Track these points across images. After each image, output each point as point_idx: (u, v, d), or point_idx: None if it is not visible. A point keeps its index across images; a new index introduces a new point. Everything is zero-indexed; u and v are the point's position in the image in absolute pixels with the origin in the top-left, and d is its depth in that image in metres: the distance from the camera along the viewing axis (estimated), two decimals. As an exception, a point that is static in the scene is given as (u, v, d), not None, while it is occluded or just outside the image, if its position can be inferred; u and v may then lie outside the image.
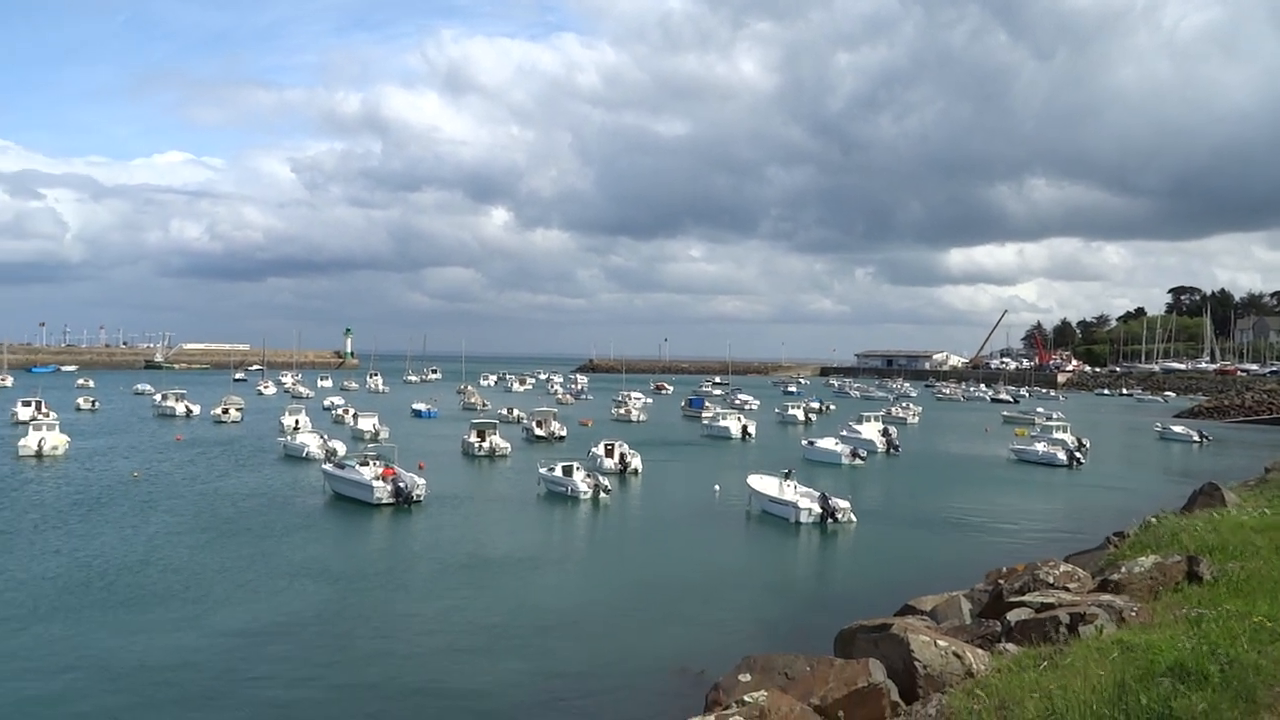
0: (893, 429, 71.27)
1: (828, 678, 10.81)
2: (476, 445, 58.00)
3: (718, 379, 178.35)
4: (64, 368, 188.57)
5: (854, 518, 36.37)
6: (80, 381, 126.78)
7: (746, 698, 9.83)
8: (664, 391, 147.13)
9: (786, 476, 38.86)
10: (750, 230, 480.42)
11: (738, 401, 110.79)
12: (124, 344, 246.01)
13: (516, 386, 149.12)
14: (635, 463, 50.64)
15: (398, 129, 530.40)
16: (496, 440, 58.29)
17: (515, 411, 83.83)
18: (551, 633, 22.25)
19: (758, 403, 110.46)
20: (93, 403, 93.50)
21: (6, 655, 19.89)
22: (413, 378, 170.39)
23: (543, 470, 44.16)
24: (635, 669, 19.62)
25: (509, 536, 33.82)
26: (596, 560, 31.65)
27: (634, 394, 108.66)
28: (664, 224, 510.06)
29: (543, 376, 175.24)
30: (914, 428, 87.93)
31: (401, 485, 38.60)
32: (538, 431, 68.64)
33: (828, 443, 59.50)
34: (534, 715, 17.09)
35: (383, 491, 38.36)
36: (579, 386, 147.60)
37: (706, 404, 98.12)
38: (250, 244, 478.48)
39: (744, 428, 74.79)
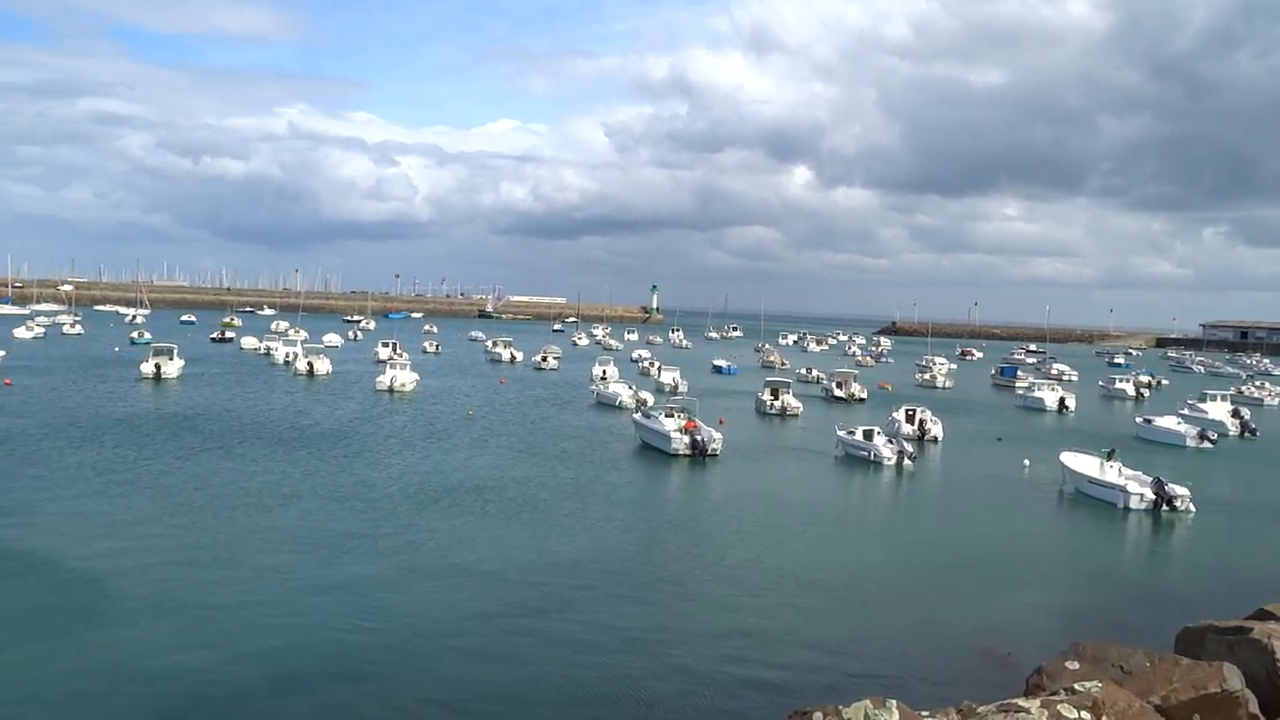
0: (1245, 410, 62.80)
1: (1171, 677, 9.85)
2: (769, 403, 58.46)
3: (1032, 346, 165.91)
4: (413, 315, 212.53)
5: (1193, 507, 32.59)
6: (426, 327, 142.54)
7: (1077, 686, 9.19)
8: (971, 358, 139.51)
9: (1109, 456, 35.53)
10: (1075, 186, 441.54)
11: (1054, 371, 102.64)
12: (461, 295, 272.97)
13: (814, 346, 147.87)
14: (936, 430, 48.66)
15: (703, 90, 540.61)
16: (789, 399, 58.40)
17: (814, 371, 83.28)
18: (852, 595, 22.12)
19: (1076, 374, 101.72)
20: (436, 346, 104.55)
21: (384, 549, 23.09)
22: (713, 334, 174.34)
23: (841, 433, 43.63)
24: (938, 642, 19.05)
25: (806, 496, 33.88)
26: (897, 528, 30.93)
27: (939, 359, 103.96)
28: (976, 180, 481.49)
29: (842, 337, 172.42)
30: (1274, 410, 76.86)
31: (699, 438, 39.80)
32: (837, 393, 67.85)
33: (1169, 421, 53.56)
34: (840, 676, 16.96)
35: (680, 443, 39.78)
36: (880, 349, 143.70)
37: (1020, 373, 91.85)
38: (567, 204, 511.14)
39: (1061, 400, 69.32)
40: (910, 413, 49.85)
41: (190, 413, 47.33)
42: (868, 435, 41.78)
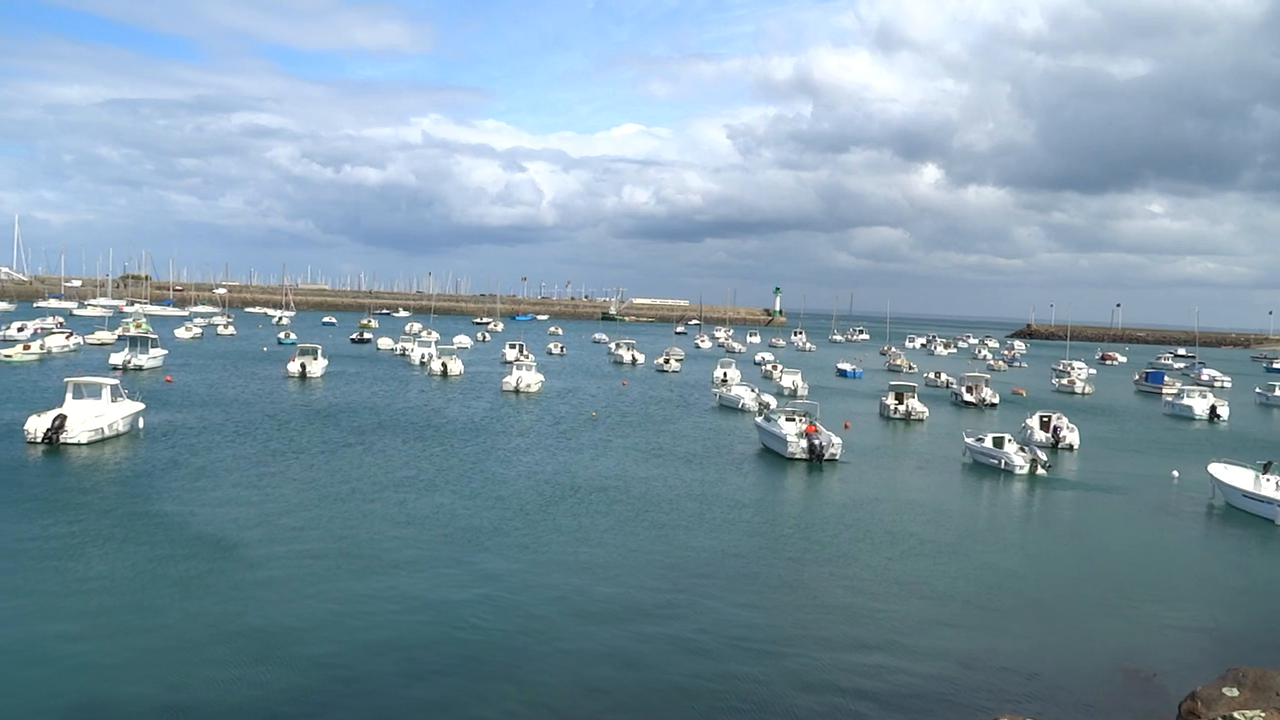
0: None
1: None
2: (893, 408, 57.26)
3: (1181, 351, 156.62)
4: (539, 317, 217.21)
5: (1363, 526, 30.30)
6: (551, 329, 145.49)
7: (1237, 715, 8.80)
8: (1113, 362, 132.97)
9: (1266, 469, 33.39)
10: (1227, 180, 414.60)
11: (1204, 377, 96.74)
12: (585, 297, 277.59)
13: (941, 350, 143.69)
14: (1072, 438, 46.68)
15: (828, 90, 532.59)
16: (914, 404, 57.06)
17: (942, 376, 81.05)
18: (983, 608, 21.56)
19: (1230, 380, 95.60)
20: (561, 348, 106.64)
21: (511, 544, 23.90)
22: (838, 337, 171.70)
23: (970, 439, 42.39)
24: (1077, 660, 18.38)
25: (931, 504, 33.03)
26: (1031, 539, 29.86)
27: (1078, 364, 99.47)
28: (1117, 176, 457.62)
29: (972, 340, 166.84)
30: None
31: (816, 442, 39.30)
32: (967, 398, 65.91)
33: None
34: (971, 692, 16.54)
35: (797, 447, 39.41)
36: (1013, 353, 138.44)
37: (1167, 378, 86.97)
38: (690, 207, 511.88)
39: (1212, 408, 65.32)
40: (1045, 419, 48.01)
41: (333, 409, 49.88)
42: (997, 442, 40.45)
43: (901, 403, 57.39)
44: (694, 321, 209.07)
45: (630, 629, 18.97)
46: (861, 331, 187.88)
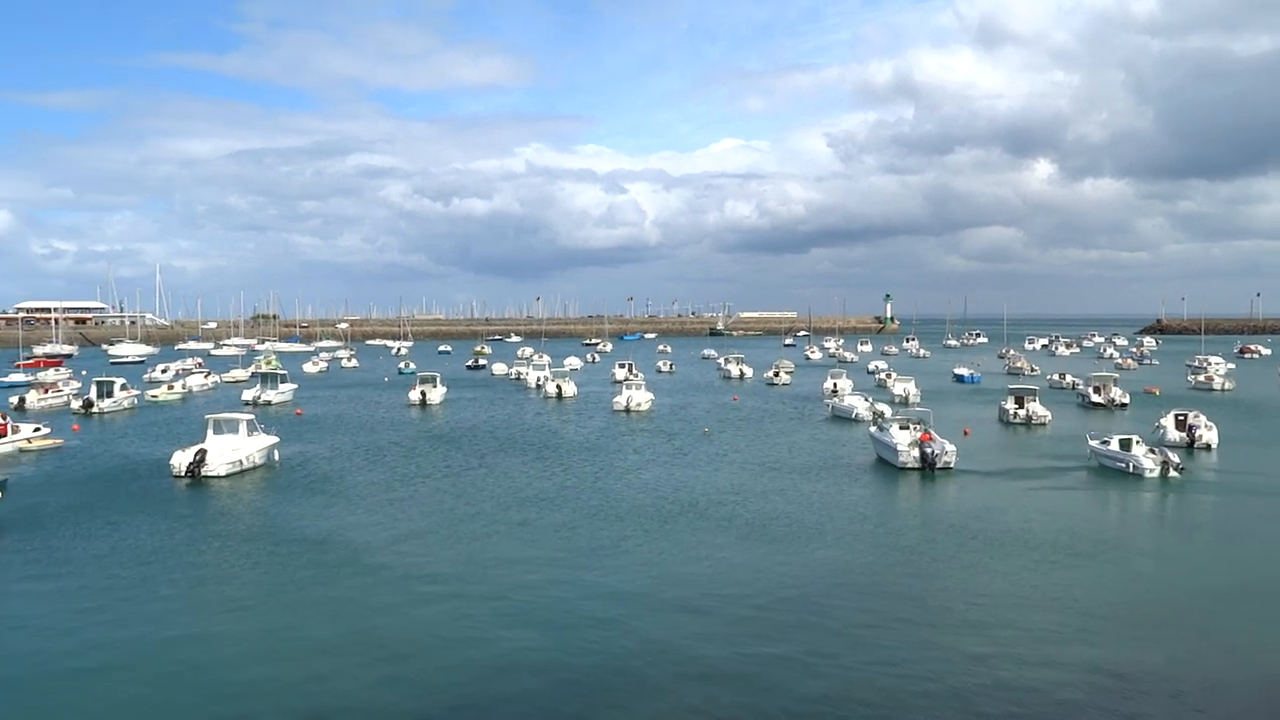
0: None
1: None
2: (1012, 412, 55.56)
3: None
4: (646, 335, 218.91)
5: None
6: (660, 347, 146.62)
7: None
8: (1253, 355, 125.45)
9: None
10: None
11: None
12: (692, 314, 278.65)
13: (1063, 350, 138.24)
14: (1210, 438, 44.39)
15: (930, 91, 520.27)
16: (1035, 408, 55.19)
17: (1067, 377, 78.15)
18: (1122, 621, 20.77)
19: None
20: (670, 365, 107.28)
21: (630, 560, 24.45)
22: (952, 341, 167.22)
23: (1094, 443, 40.82)
24: (1226, 676, 17.60)
25: (1055, 513, 31.68)
26: (1166, 548, 28.54)
27: (1214, 358, 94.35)
28: (1248, 159, 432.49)
29: (1097, 339, 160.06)
30: None
31: (929, 450, 38.50)
32: (1095, 398, 63.43)
33: None
34: (1120, 710, 16.05)
35: (908, 455, 38.71)
36: (1142, 350, 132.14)
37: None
38: (793, 218, 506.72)
39: (1370, 401, 61.00)
40: (1180, 418, 45.83)
41: (454, 434, 51.60)
42: (1124, 445, 38.78)
43: (1022, 406, 55.64)
44: (803, 333, 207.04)
45: (747, 645, 19.08)
46: (979, 335, 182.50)
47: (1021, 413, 55.17)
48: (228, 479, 37.58)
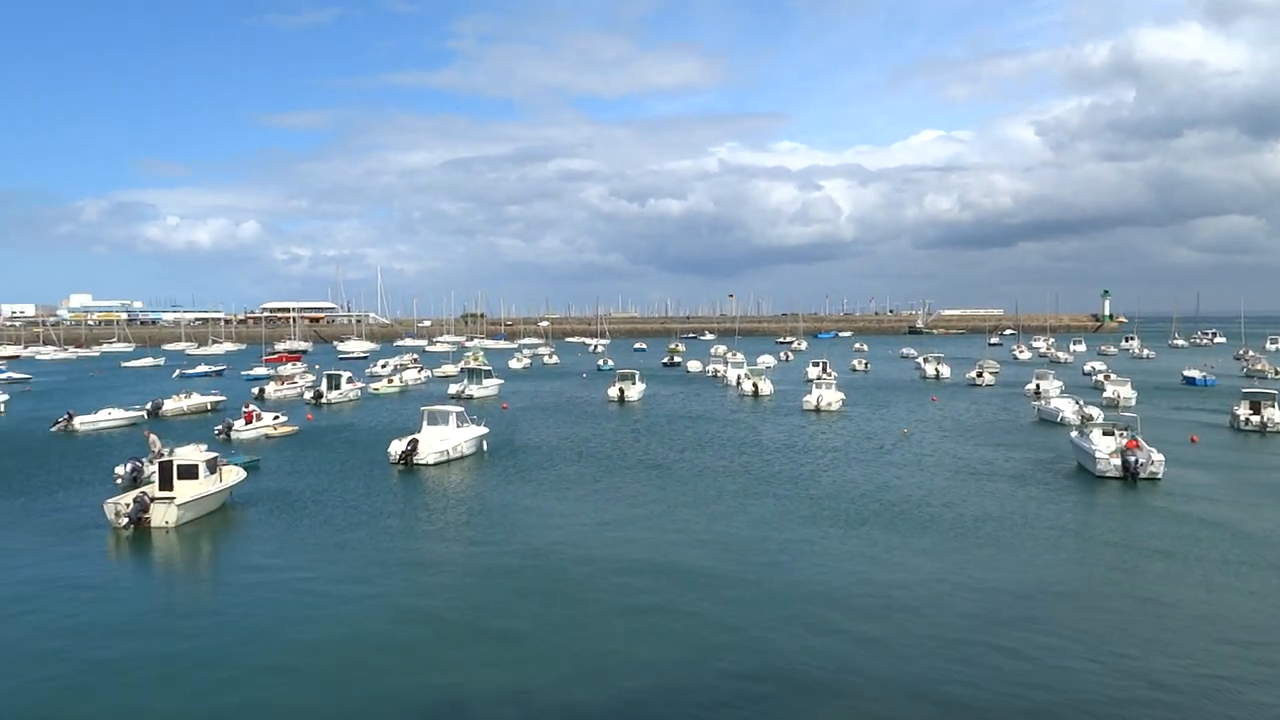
0: None
1: None
2: (1245, 419, 50.77)
3: None
4: (841, 333, 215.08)
5: None
6: (856, 346, 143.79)
7: None
8: None
9: None
10: None
11: None
12: (890, 311, 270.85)
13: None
14: None
15: (1153, 71, 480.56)
16: (1273, 414, 50.14)
17: (1316, 381, 70.54)
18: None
19: None
20: (865, 364, 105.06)
21: (830, 558, 24.61)
22: (1179, 341, 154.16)
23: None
24: None
25: (1273, 536, 28.23)
26: None
27: None
28: None
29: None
30: None
31: (1131, 459, 35.85)
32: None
33: None
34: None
35: (1107, 464, 36.27)
36: None
37: None
38: (998, 210, 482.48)
39: None
40: None
41: (653, 429, 53.10)
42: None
43: (1257, 413, 50.78)
44: (1009, 331, 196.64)
45: (945, 652, 18.87)
46: (1215, 334, 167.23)
47: (1256, 419, 50.40)
48: (435, 468, 40.38)
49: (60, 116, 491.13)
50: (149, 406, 61.20)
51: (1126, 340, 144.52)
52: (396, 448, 41.18)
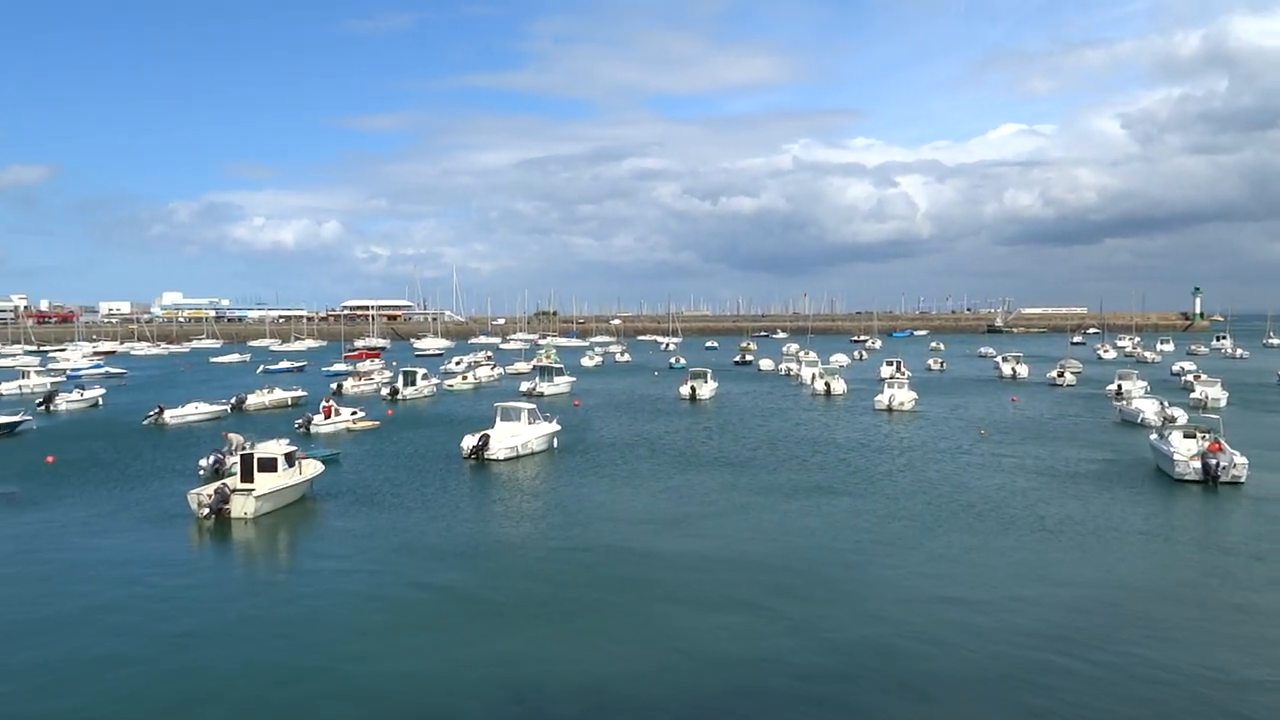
0: None
1: None
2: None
3: None
4: (916, 332, 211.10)
5: None
6: (932, 344, 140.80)
7: None
8: None
9: None
10: None
11: None
12: (968, 310, 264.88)
13: None
14: None
15: (1248, 59, 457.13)
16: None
17: None
18: None
19: None
20: (940, 363, 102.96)
21: (904, 559, 24.29)
22: (1275, 340, 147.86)
23: None
24: None
25: None
26: None
27: None
28: None
29: None
30: None
31: (1211, 462, 34.40)
32: None
33: None
34: None
35: (1186, 467, 34.85)
36: None
37: None
38: (1082, 206, 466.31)
39: None
40: None
41: (725, 426, 52.98)
42: None
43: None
44: (1093, 330, 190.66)
45: (1023, 655, 18.47)
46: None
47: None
48: (505, 463, 40.88)
49: (158, 123, 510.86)
50: (233, 401, 63.28)
51: (1218, 339, 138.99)
52: (468, 442, 41.77)
